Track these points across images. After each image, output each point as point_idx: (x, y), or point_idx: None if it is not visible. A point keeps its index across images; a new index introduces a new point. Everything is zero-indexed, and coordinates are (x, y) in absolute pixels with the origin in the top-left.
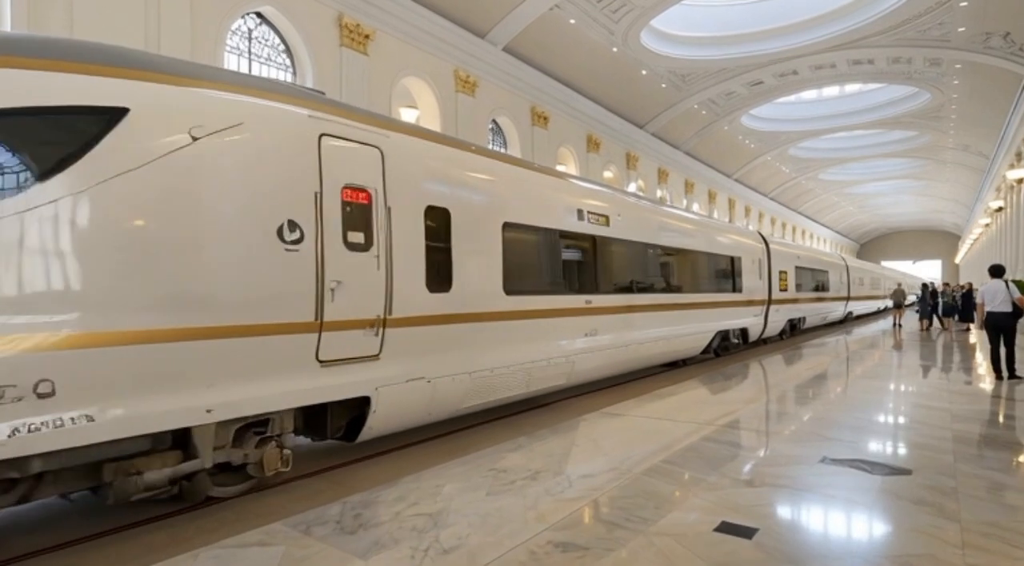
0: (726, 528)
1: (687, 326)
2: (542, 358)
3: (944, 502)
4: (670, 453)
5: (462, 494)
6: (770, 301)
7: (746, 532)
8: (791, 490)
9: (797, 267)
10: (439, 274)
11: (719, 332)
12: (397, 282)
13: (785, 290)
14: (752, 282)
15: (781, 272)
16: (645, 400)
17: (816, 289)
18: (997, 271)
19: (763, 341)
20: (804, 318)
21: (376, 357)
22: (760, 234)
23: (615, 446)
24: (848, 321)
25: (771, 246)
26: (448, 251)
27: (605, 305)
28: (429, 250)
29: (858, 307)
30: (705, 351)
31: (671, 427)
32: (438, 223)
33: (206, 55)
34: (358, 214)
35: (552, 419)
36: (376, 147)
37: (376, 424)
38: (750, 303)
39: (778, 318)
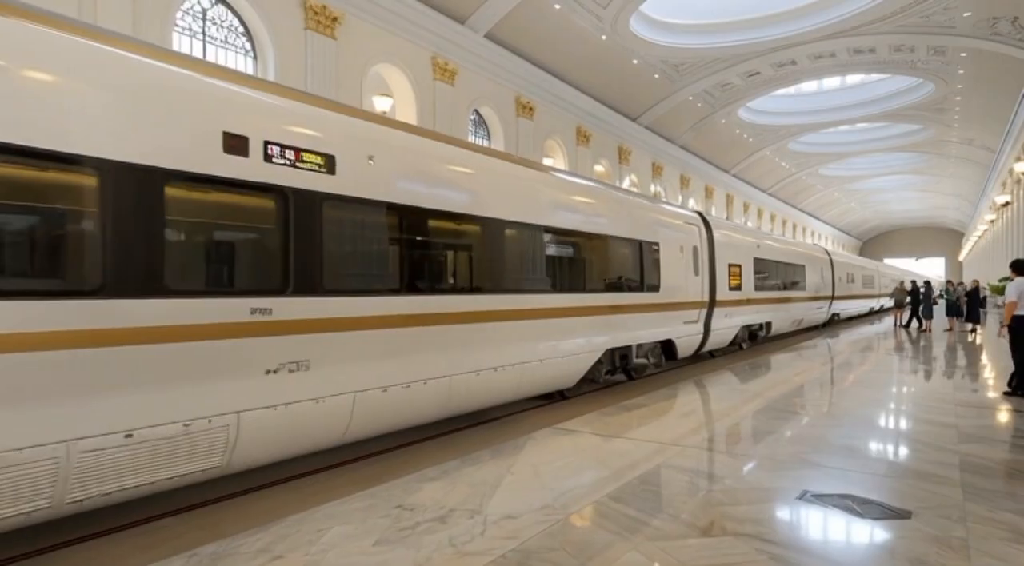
0: None
1: (529, 347)
2: (97, 433)
3: (953, 564)
4: (619, 485)
5: (344, 542)
6: (713, 303)
7: None
8: (755, 542)
9: (757, 259)
10: None
11: (612, 349)
12: None
13: (738, 288)
14: (680, 277)
15: (732, 265)
16: (608, 413)
17: (786, 287)
18: (1018, 266)
19: (710, 354)
20: (768, 323)
21: None
22: (699, 214)
23: (558, 473)
24: (833, 324)
25: (715, 231)
26: None
27: (321, 316)
28: None
29: (846, 308)
30: (591, 379)
31: (629, 448)
32: None
33: (153, 37)
34: None
35: (498, 436)
36: None
37: None
38: (676, 306)
39: (727, 325)
